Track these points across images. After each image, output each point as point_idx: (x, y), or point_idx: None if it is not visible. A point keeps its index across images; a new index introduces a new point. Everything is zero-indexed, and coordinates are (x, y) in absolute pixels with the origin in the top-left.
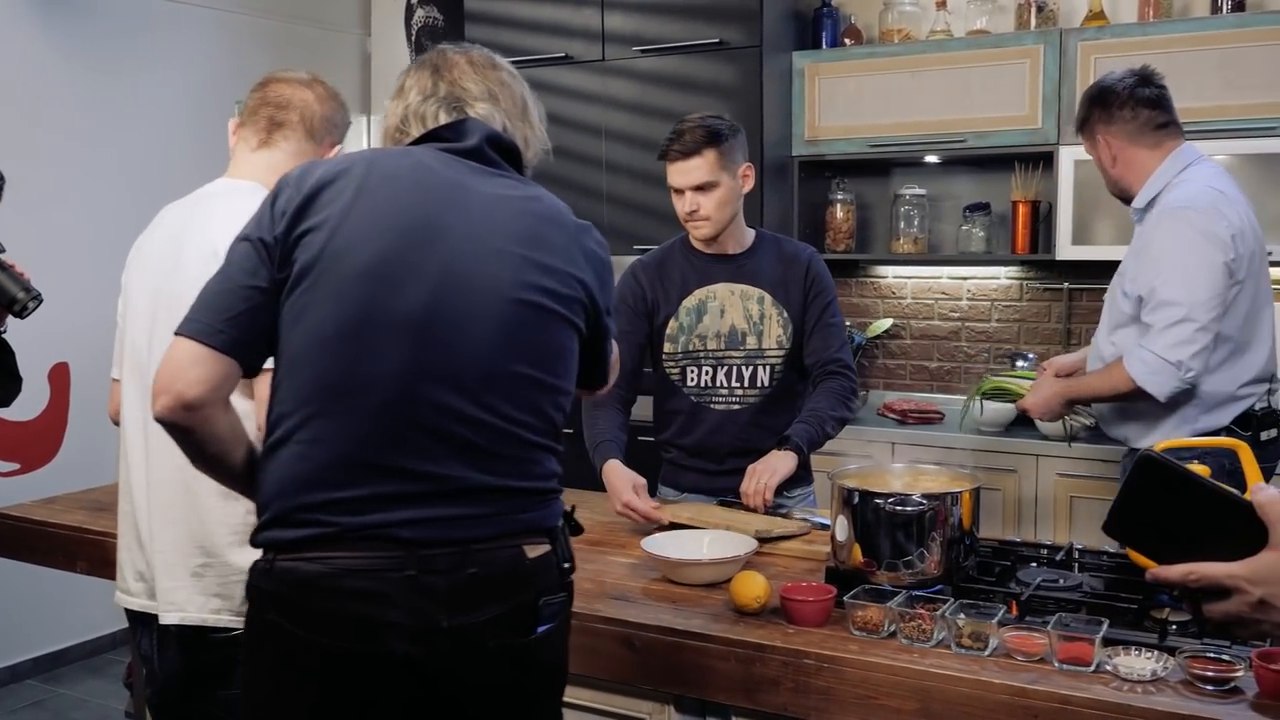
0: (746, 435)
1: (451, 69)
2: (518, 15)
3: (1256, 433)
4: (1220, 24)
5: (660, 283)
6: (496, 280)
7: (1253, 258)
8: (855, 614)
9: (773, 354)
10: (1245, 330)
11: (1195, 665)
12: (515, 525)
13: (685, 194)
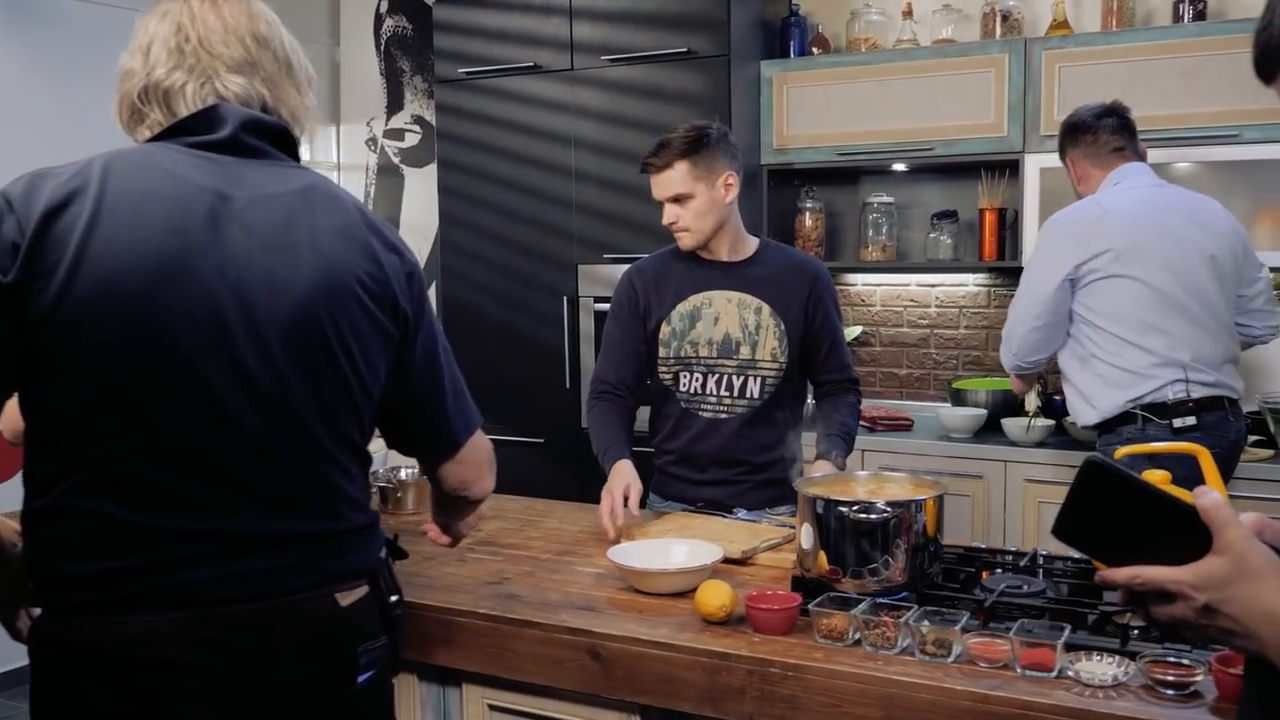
0: (730, 445)
1: (197, 24)
2: (486, 25)
3: (1170, 419)
4: (1181, 33)
5: (655, 287)
6: (274, 307)
7: (1126, 259)
8: (820, 622)
9: (765, 366)
10: (1125, 321)
11: (1156, 670)
12: (326, 570)
13: (665, 205)
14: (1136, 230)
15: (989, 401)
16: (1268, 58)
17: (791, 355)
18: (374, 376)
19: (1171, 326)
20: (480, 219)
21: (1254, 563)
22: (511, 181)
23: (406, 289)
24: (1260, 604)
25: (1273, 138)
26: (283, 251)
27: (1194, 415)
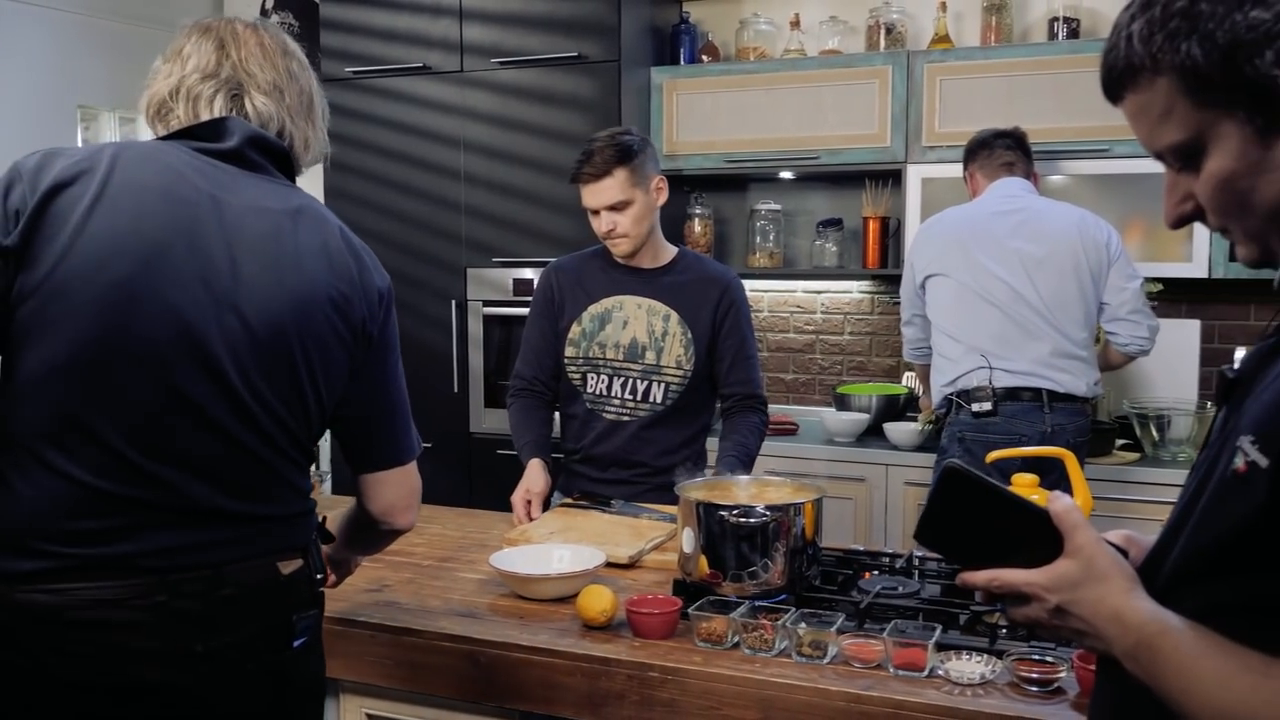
0: (629, 447)
1: (240, 47)
2: (374, 24)
3: (969, 404)
4: (1056, 50)
5: (571, 286)
6: (246, 310)
7: (951, 261)
8: (700, 625)
9: (670, 372)
10: (945, 316)
11: (1021, 668)
12: (268, 544)
13: (601, 214)
14: (960, 235)
15: (872, 406)
16: (1113, 79)
17: (697, 364)
18: (331, 389)
19: (977, 320)
20: (367, 221)
21: (1101, 565)
22: (399, 183)
23: (376, 311)
24: (1107, 605)
25: (1141, 153)
26: (265, 262)
27: (991, 401)
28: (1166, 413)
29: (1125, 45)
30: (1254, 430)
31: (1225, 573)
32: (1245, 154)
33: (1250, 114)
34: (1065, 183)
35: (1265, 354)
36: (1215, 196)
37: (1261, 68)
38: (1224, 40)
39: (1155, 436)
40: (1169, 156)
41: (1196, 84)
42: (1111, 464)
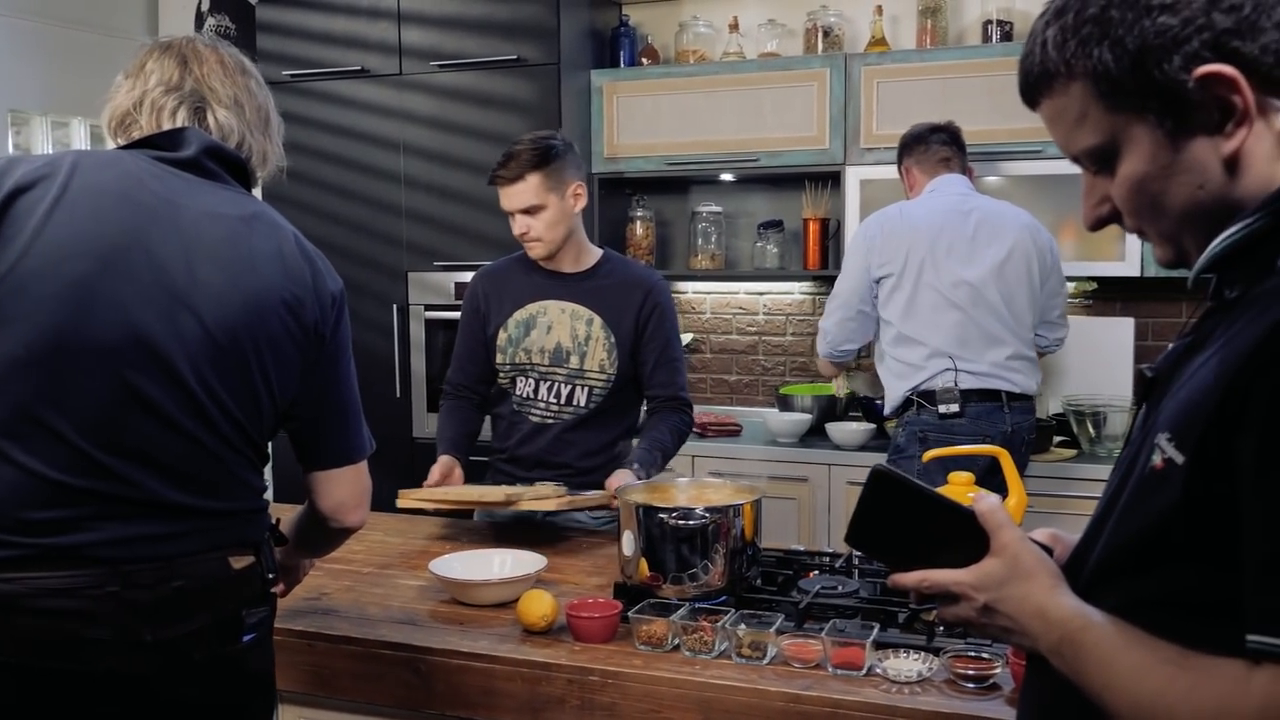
0: (553, 449)
1: (201, 64)
2: (312, 27)
3: (937, 405)
4: (990, 52)
5: (496, 292)
6: (201, 310)
7: (914, 260)
8: (640, 628)
9: (593, 376)
10: (907, 317)
11: (958, 665)
12: (220, 538)
13: (516, 217)
14: (924, 235)
15: (814, 406)
16: (1030, 85)
17: (621, 367)
18: (284, 388)
19: (943, 322)
20: (306, 225)
21: (1026, 563)
22: (339, 187)
23: (328, 314)
24: (1031, 603)
25: None
26: (220, 265)
27: (958, 403)
28: (1102, 410)
29: (1040, 51)
30: (1170, 428)
31: (1145, 568)
32: (1157, 157)
33: (1160, 117)
34: (1001, 183)
35: (1182, 352)
36: (1129, 199)
37: (1170, 72)
38: (1134, 46)
39: (1092, 433)
40: (1085, 160)
41: (1109, 88)
42: (1050, 461)
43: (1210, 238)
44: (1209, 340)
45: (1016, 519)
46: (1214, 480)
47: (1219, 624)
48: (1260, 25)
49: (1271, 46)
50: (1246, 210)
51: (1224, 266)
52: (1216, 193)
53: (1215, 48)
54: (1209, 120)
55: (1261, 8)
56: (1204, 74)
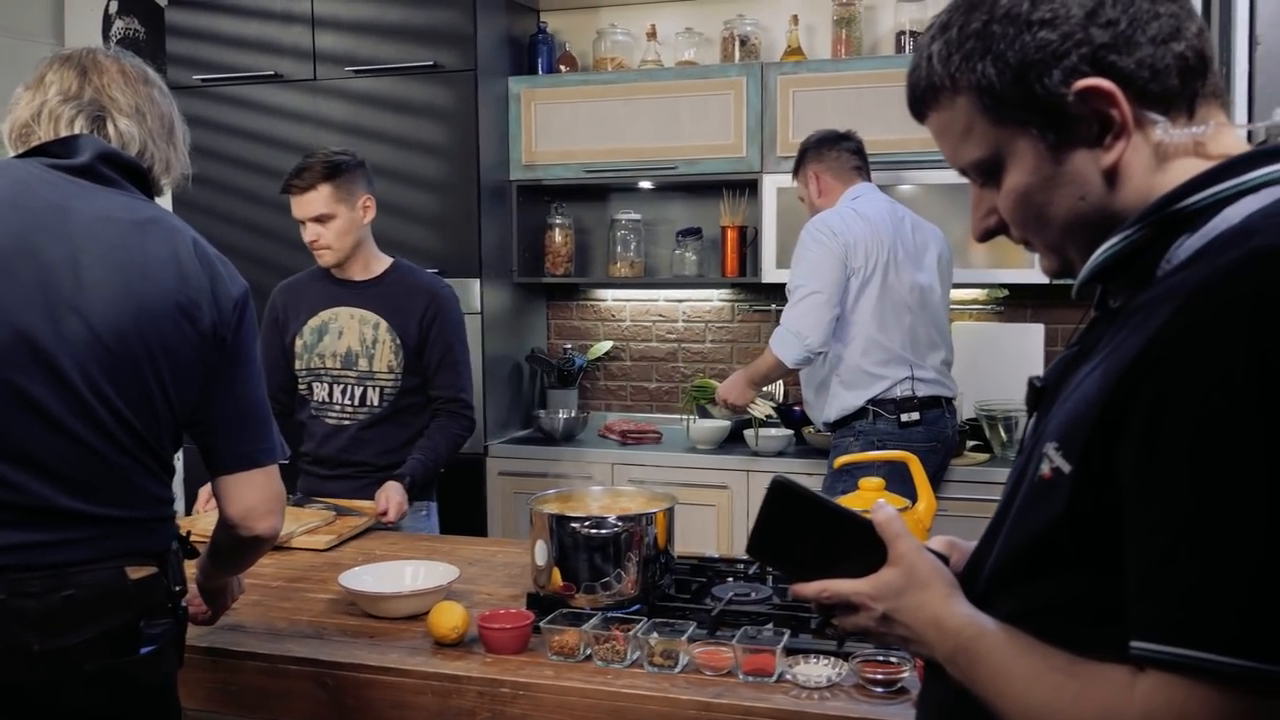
0: (351, 448)
1: (101, 74)
2: (223, 31)
3: (897, 414)
4: (902, 62)
5: (294, 303)
6: (90, 313)
7: (879, 263)
8: (551, 639)
9: (383, 377)
10: (874, 322)
11: (866, 669)
12: (118, 548)
13: (307, 225)
14: (885, 236)
15: None
16: (917, 98)
17: (408, 368)
18: (182, 393)
19: (900, 326)
20: (217, 231)
21: (922, 572)
22: (251, 194)
23: (229, 318)
24: (927, 611)
25: None
26: (111, 269)
27: (919, 411)
28: (1014, 414)
29: (926, 66)
30: (1057, 437)
31: (1035, 575)
32: (1039, 169)
33: (1042, 130)
34: (914, 192)
35: (1069, 362)
36: (1014, 210)
37: (1050, 86)
38: (1015, 60)
39: (1004, 437)
40: (972, 172)
41: (992, 102)
42: (963, 465)
43: (1093, 248)
44: (1094, 350)
45: (926, 523)
46: (1099, 489)
47: (1108, 630)
48: (1136, 40)
49: (1147, 61)
50: (1127, 221)
51: (1107, 277)
52: (1097, 204)
53: (1093, 62)
54: (1089, 133)
55: (1137, 24)
56: (1082, 88)
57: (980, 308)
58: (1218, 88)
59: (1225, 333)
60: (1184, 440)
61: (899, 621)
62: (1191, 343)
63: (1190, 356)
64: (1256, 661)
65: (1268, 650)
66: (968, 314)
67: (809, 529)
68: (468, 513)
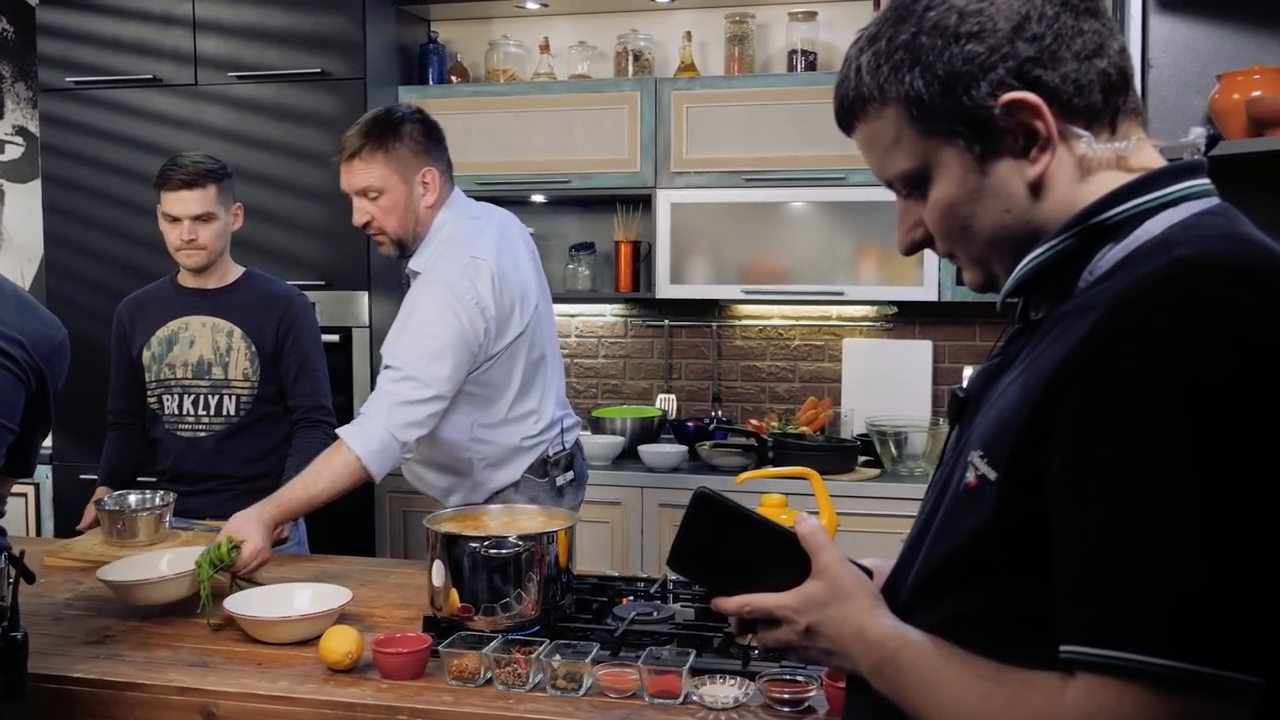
0: (211, 461)
1: None
2: (98, 31)
3: (552, 477)
4: (795, 80)
5: (140, 315)
6: None
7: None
8: (450, 663)
9: (239, 385)
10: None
11: (773, 689)
12: None
13: (184, 223)
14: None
15: (627, 429)
16: (844, 109)
17: (264, 375)
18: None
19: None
20: (91, 240)
21: (846, 584)
22: (127, 200)
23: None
24: (850, 624)
25: (874, 181)
26: None
27: (569, 470)
28: (904, 430)
29: (855, 76)
30: (982, 445)
31: (960, 584)
32: (965, 181)
33: (969, 142)
34: (804, 209)
35: (991, 373)
36: (940, 222)
37: (977, 98)
38: (943, 72)
39: (894, 453)
40: (898, 184)
41: (920, 113)
42: (854, 480)
43: (1017, 261)
44: (1016, 360)
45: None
46: (1026, 496)
47: (1036, 637)
48: (1061, 55)
49: (1071, 76)
50: (1050, 233)
51: (1029, 289)
52: (1022, 216)
53: (1019, 75)
54: (1014, 145)
55: (1062, 39)
56: (1009, 100)
57: (870, 324)
58: (1138, 105)
59: (1150, 338)
60: (1111, 443)
61: (822, 634)
62: (1118, 348)
63: (1117, 361)
64: (1187, 662)
65: (1199, 650)
66: (858, 330)
67: (731, 541)
68: (354, 532)
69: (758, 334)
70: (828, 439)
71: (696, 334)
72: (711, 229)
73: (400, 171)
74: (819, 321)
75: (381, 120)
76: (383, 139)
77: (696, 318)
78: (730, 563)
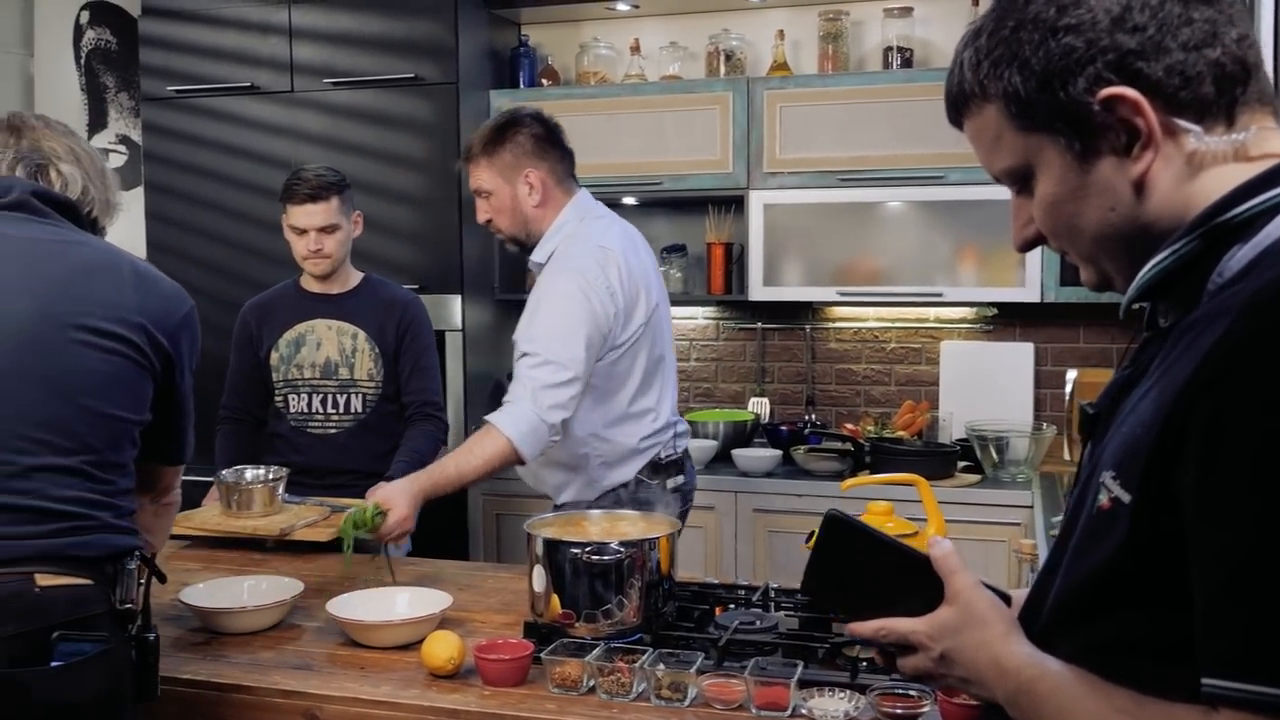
0: (341, 456)
1: (31, 130)
2: (198, 41)
3: (664, 480)
4: (891, 78)
5: (265, 319)
6: (18, 317)
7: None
8: (553, 670)
9: (364, 384)
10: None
11: (885, 703)
12: (23, 550)
13: (310, 234)
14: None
15: (720, 432)
16: (952, 104)
17: (387, 375)
18: (114, 397)
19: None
20: (192, 246)
21: (979, 610)
22: (226, 206)
23: (164, 337)
24: (986, 651)
25: (974, 180)
26: (38, 281)
27: (680, 475)
28: (1005, 435)
29: (959, 73)
30: (1114, 465)
31: (1098, 611)
32: (1066, 179)
33: (1069, 139)
34: (901, 209)
35: (1121, 386)
36: (1046, 220)
37: (1074, 94)
38: (1040, 67)
39: (995, 458)
40: (1006, 180)
41: (1019, 110)
42: (954, 486)
43: (1129, 261)
44: (1147, 372)
45: None
46: (1161, 517)
47: (1176, 668)
48: (1165, 46)
49: (1177, 68)
50: (1173, 235)
51: (1155, 295)
52: (1128, 214)
53: (1119, 69)
54: (1116, 142)
55: (1166, 29)
56: (1106, 96)
57: (970, 327)
58: (1265, 93)
59: None
60: (1244, 460)
61: (958, 662)
62: (1250, 357)
63: (1249, 371)
64: None
65: None
66: (957, 333)
67: (864, 565)
68: (447, 535)
69: (852, 336)
70: (925, 444)
71: (790, 336)
72: (805, 230)
73: (504, 174)
74: (916, 324)
75: (494, 125)
76: (489, 144)
77: (790, 320)
78: (863, 587)
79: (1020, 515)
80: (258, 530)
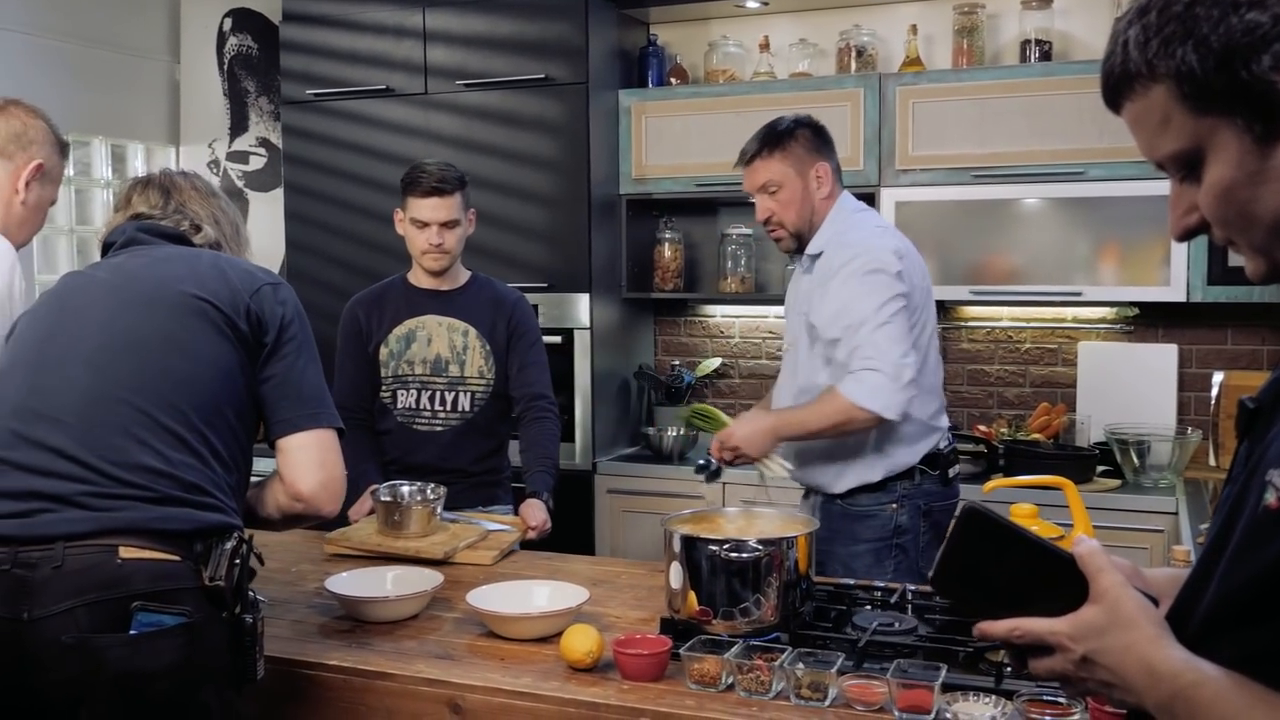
0: (446, 455)
1: (180, 192)
2: (336, 45)
3: (944, 470)
4: (1028, 72)
5: (375, 313)
6: (154, 313)
7: (925, 296)
8: (691, 667)
9: (474, 382)
10: (928, 365)
11: (1033, 710)
12: (114, 523)
13: (432, 228)
14: (919, 261)
15: None
16: (1111, 87)
17: (497, 372)
18: (221, 377)
19: (940, 370)
20: (329, 246)
21: (1127, 611)
22: (363, 207)
23: (271, 322)
24: (1135, 654)
25: (1115, 175)
26: (175, 282)
27: (958, 464)
28: (1147, 439)
29: (1122, 52)
30: None
31: (1263, 617)
32: (1244, 163)
33: (1249, 121)
34: (1039, 206)
35: None
36: (1216, 208)
37: (1258, 72)
38: (1219, 45)
39: (1136, 463)
40: (1170, 166)
41: (1193, 90)
42: (1093, 491)
43: None
44: None
45: None
46: None
47: None
48: None
49: None
50: None
51: None
52: None
53: None
54: None
55: None
56: None
57: (1109, 327)
58: None
59: None
60: None
61: (1101, 665)
62: None
63: None
64: None
65: None
66: (1096, 334)
67: (1001, 561)
68: (574, 529)
69: (985, 336)
70: (1062, 447)
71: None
72: (938, 228)
73: (795, 166)
74: (1052, 324)
75: (775, 126)
76: (778, 139)
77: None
78: (999, 584)
79: (1163, 522)
80: (420, 552)
